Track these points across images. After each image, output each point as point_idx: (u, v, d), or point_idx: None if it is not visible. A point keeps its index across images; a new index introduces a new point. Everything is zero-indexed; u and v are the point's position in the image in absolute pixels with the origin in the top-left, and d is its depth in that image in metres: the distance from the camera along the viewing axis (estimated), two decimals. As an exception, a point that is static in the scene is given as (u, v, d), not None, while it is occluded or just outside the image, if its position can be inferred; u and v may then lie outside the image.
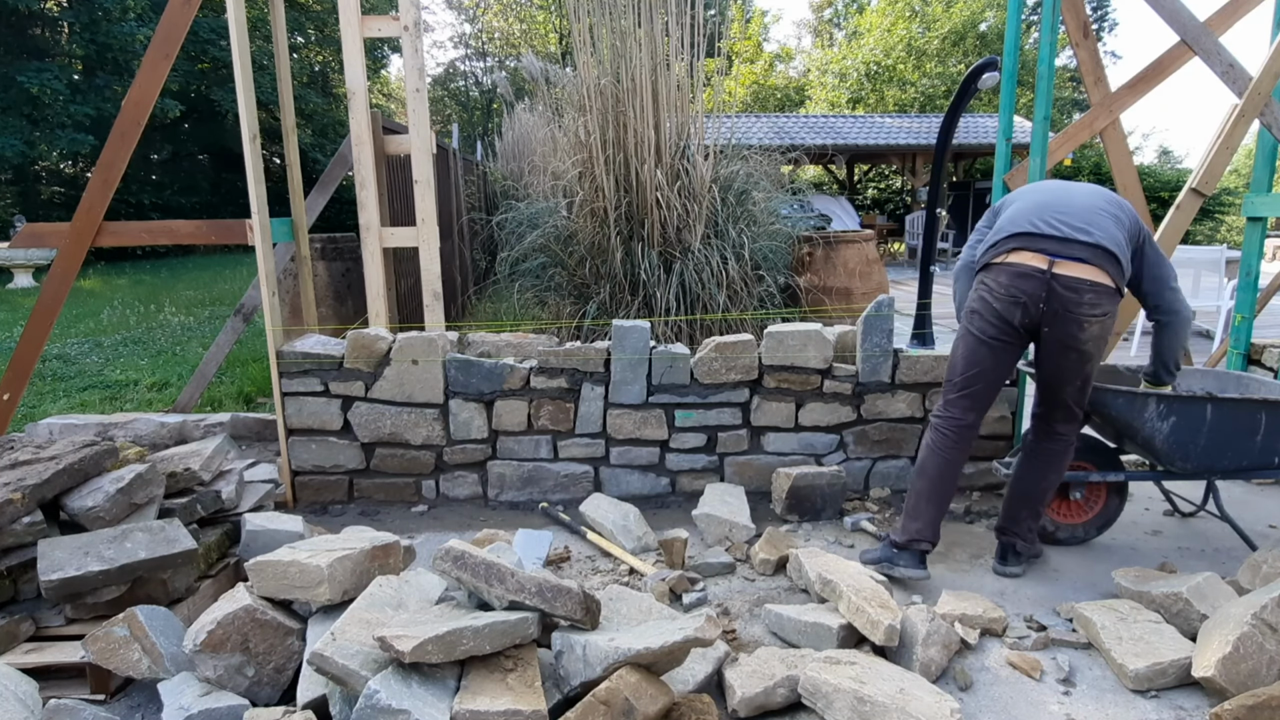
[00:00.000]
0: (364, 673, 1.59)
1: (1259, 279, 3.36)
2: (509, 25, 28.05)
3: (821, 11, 31.07)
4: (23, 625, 2.02)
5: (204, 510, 2.45)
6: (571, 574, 2.62)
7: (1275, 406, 2.50)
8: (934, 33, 22.57)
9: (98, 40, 14.91)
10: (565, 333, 4.52)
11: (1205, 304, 6.55)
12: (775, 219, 5.25)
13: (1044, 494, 2.56)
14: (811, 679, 1.82)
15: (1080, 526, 2.84)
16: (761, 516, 3.06)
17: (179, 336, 7.45)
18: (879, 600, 2.09)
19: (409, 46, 3.41)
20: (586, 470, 3.24)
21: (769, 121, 16.20)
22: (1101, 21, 30.80)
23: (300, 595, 1.89)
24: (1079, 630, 2.23)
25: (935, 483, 2.48)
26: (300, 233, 3.62)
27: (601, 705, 1.57)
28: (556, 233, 4.83)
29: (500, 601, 1.75)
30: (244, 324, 4.10)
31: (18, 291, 11.13)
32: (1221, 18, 3.37)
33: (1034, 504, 2.56)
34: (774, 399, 3.20)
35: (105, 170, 3.15)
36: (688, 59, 4.62)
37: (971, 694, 1.99)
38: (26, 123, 14.19)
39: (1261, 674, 1.84)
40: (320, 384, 3.16)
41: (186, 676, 1.83)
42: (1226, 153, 3.12)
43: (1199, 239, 20.50)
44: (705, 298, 4.42)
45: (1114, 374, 2.99)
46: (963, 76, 3.37)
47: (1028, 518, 2.57)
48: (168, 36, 3.10)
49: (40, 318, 3.23)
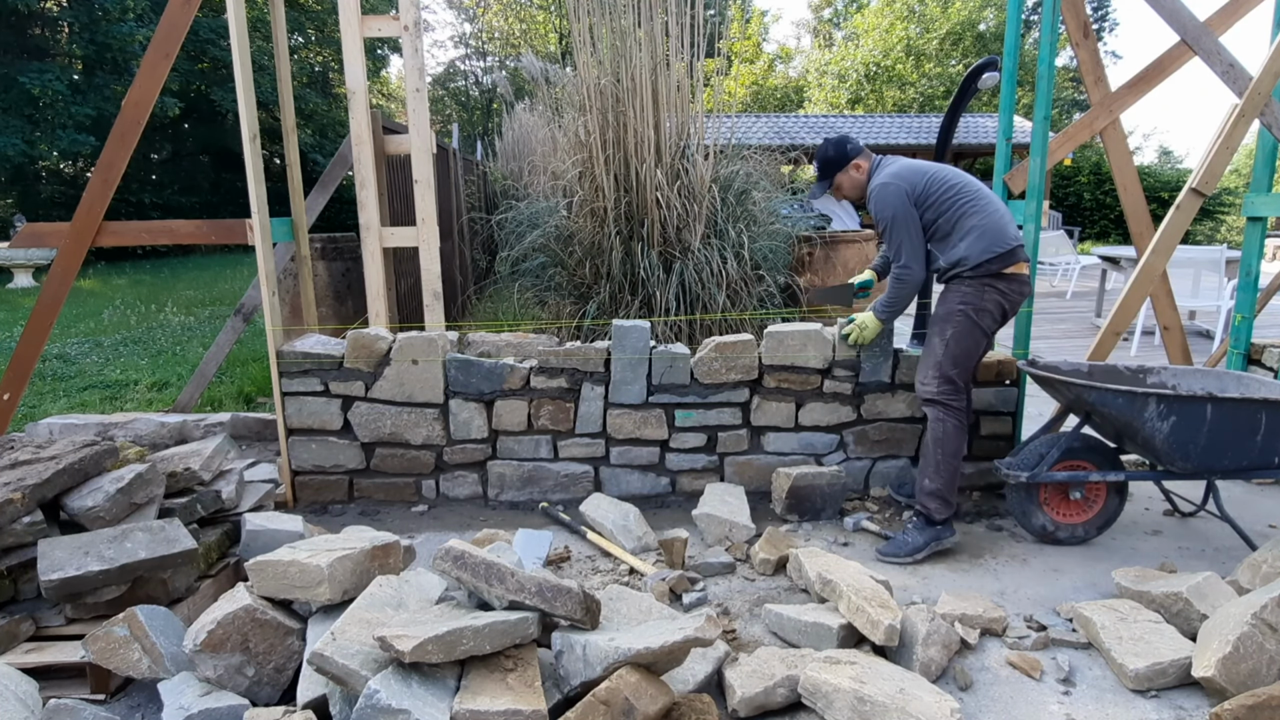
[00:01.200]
0: (364, 672, 1.59)
1: (1259, 279, 3.36)
2: (509, 25, 28.05)
3: (820, 12, 31.09)
4: (23, 625, 2.02)
5: (204, 510, 2.45)
6: (571, 574, 2.62)
7: (1275, 406, 2.50)
8: (932, 33, 22.59)
9: (97, 40, 14.90)
10: (565, 333, 4.52)
11: (1205, 304, 6.54)
12: (775, 219, 5.25)
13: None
14: (811, 679, 1.82)
15: (1080, 526, 2.84)
16: (761, 516, 3.06)
17: (179, 336, 7.45)
18: (879, 600, 2.09)
19: (409, 46, 3.41)
20: (586, 470, 3.24)
21: (769, 121, 16.21)
22: (1101, 21, 30.82)
23: (300, 595, 1.89)
24: (1079, 630, 2.23)
25: (960, 457, 2.79)
26: (300, 232, 3.62)
27: (601, 705, 1.57)
28: (556, 232, 4.83)
29: (500, 601, 1.75)
30: (244, 324, 4.10)
31: (18, 291, 11.13)
32: (1221, 18, 3.37)
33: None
34: (774, 399, 3.20)
35: (105, 170, 3.15)
36: (688, 59, 4.62)
37: (971, 694, 1.99)
38: (26, 123, 14.18)
39: (1261, 674, 1.84)
40: (320, 384, 3.16)
41: (186, 676, 1.83)
42: (1226, 153, 3.12)
43: (1199, 239, 20.50)
44: (705, 298, 4.42)
45: (1114, 374, 2.99)
46: (962, 77, 3.38)
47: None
48: (168, 36, 3.10)
49: (40, 318, 3.23)
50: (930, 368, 2.78)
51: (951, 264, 2.76)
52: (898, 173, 2.80)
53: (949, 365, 2.74)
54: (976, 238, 2.69)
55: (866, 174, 2.91)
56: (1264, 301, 3.97)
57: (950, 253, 2.75)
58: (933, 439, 2.76)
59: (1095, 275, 10.16)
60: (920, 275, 2.79)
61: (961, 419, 2.77)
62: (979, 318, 2.72)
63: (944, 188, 2.75)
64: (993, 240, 2.68)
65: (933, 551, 2.74)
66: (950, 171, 2.81)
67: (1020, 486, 2.80)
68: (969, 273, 2.71)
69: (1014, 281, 2.72)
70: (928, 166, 2.82)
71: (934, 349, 2.79)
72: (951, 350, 2.74)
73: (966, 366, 2.79)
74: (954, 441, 2.74)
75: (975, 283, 2.71)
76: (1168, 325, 3.63)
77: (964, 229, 2.72)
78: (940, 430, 2.74)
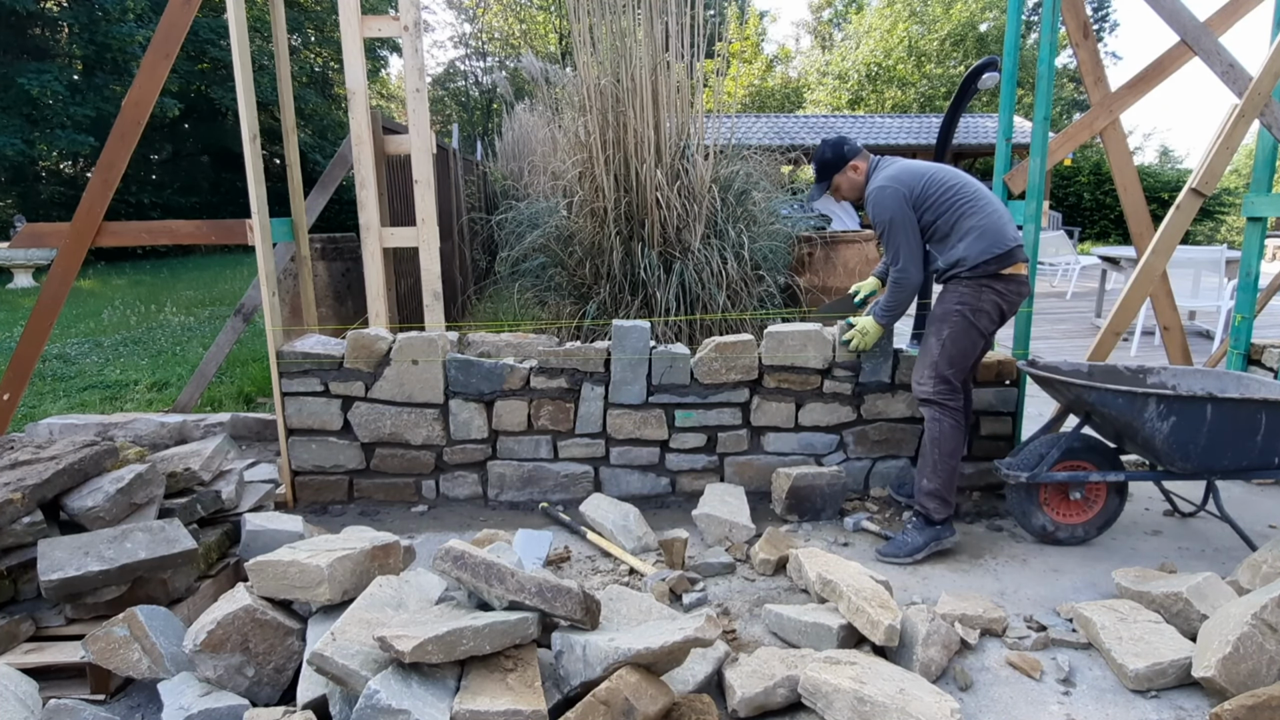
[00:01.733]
0: (364, 673, 1.59)
1: (1259, 279, 3.36)
2: (509, 25, 28.05)
3: (820, 12, 31.09)
4: (23, 625, 2.02)
5: (204, 510, 2.45)
6: (571, 574, 2.62)
7: (1275, 407, 2.50)
8: (934, 34, 22.60)
9: (97, 40, 14.90)
10: (565, 333, 4.52)
11: (1205, 304, 6.54)
12: (775, 219, 5.25)
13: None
14: (811, 679, 1.82)
15: (1080, 526, 2.84)
16: (761, 516, 3.06)
17: (179, 336, 7.45)
18: (879, 600, 2.09)
19: (409, 46, 3.41)
20: (586, 470, 3.24)
21: (769, 122, 16.21)
22: (1102, 22, 30.81)
23: (300, 595, 1.89)
24: (1079, 630, 2.23)
25: (959, 457, 2.78)
26: (300, 233, 3.62)
27: (601, 705, 1.57)
28: (556, 233, 4.83)
29: (500, 601, 1.75)
30: (244, 324, 4.10)
31: (18, 291, 11.13)
32: (1221, 18, 3.37)
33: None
34: (774, 399, 3.20)
35: (105, 170, 3.15)
36: (687, 59, 4.62)
37: (971, 694, 1.99)
38: (26, 123, 14.18)
39: (1261, 674, 1.84)
40: (320, 384, 3.16)
41: (186, 676, 1.83)
42: (1226, 153, 3.12)
43: (1199, 239, 20.50)
44: (705, 298, 4.42)
45: (1114, 374, 2.99)
46: (962, 77, 3.38)
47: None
48: (168, 36, 3.10)
49: (40, 318, 3.23)
50: (926, 367, 2.79)
51: (950, 264, 2.75)
52: (895, 175, 2.78)
53: (945, 365, 2.75)
54: (975, 238, 2.68)
55: (865, 175, 2.90)
56: (1264, 302, 3.97)
57: (949, 253, 2.75)
58: (930, 439, 2.77)
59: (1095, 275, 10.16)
60: (918, 278, 2.79)
61: (959, 418, 2.77)
62: (976, 318, 2.72)
63: (942, 189, 2.74)
64: (991, 241, 2.67)
65: (932, 551, 2.74)
66: (949, 172, 2.81)
67: (1020, 487, 2.80)
68: (967, 273, 2.71)
69: (1012, 282, 2.72)
70: (926, 168, 2.81)
71: (930, 349, 2.79)
72: (948, 350, 2.75)
73: (963, 367, 2.80)
74: (951, 441, 2.74)
75: (973, 283, 2.71)
76: (1168, 325, 3.63)
77: (962, 230, 2.71)
78: (937, 430, 2.74)
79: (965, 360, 2.79)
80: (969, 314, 2.72)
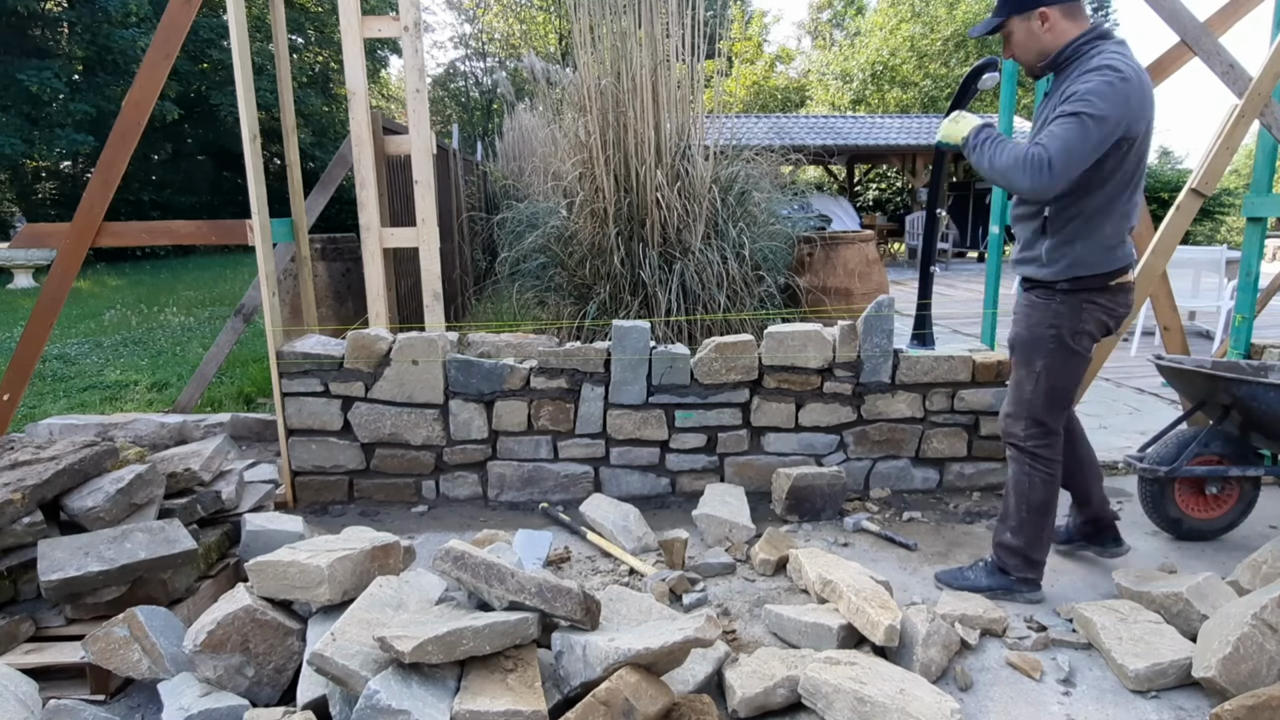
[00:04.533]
0: (364, 673, 1.59)
1: (1259, 279, 3.36)
2: (509, 25, 28.05)
3: (820, 13, 31.10)
4: (23, 625, 2.02)
5: (204, 510, 2.45)
6: (571, 574, 2.62)
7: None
8: (937, 34, 22.60)
9: (98, 42, 14.91)
10: (565, 333, 4.51)
11: (1205, 304, 6.54)
12: (775, 219, 5.25)
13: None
14: (811, 679, 1.82)
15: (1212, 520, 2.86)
16: (761, 517, 3.06)
17: (179, 337, 7.46)
18: (879, 600, 2.09)
19: (409, 47, 3.41)
20: (586, 470, 3.24)
21: (769, 122, 16.20)
22: (1102, 22, 30.81)
23: (300, 595, 1.89)
24: (1079, 630, 2.23)
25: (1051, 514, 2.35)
26: (300, 233, 3.62)
27: (601, 705, 1.57)
28: (556, 233, 4.83)
29: (500, 602, 1.75)
30: (244, 324, 4.11)
31: (18, 291, 11.13)
32: (1221, 18, 3.38)
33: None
34: (774, 399, 3.20)
35: (105, 170, 3.15)
36: (688, 59, 4.62)
37: (971, 694, 1.99)
38: (26, 121, 14.18)
39: (1262, 674, 1.84)
40: (320, 384, 3.16)
41: (186, 677, 1.83)
42: (1226, 153, 3.12)
43: (1199, 239, 20.50)
44: (705, 298, 4.42)
45: (1237, 369, 2.97)
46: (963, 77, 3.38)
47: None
48: (168, 37, 3.10)
49: (40, 318, 3.23)
50: (1019, 406, 2.31)
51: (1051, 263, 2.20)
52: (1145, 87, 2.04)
53: (1043, 408, 2.27)
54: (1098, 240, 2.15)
55: (1062, 37, 2.13)
56: (1264, 302, 3.98)
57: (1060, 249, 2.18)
58: (1016, 491, 2.34)
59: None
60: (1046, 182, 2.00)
61: (1054, 469, 2.30)
62: (1076, 341, 2.22)
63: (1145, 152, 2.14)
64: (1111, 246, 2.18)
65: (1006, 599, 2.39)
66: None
67: (1155, 480, 2.79)
68: (1067, 285, 2.20)
69: (1120, 293, 2.24)
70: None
71: (1022, 384, 2.30)
72: (1042, 385, 2.26)
73: (1064, 405, 2.30)
74: (1041, 494, 2.30)
75: (1071, 298, 2.20)
76: (1168, 326, 3.63)
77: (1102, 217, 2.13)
78: (1026, 483, 2.30)
79: (1067, 397, 2.30)
80: (1067, 337, 2.22)
